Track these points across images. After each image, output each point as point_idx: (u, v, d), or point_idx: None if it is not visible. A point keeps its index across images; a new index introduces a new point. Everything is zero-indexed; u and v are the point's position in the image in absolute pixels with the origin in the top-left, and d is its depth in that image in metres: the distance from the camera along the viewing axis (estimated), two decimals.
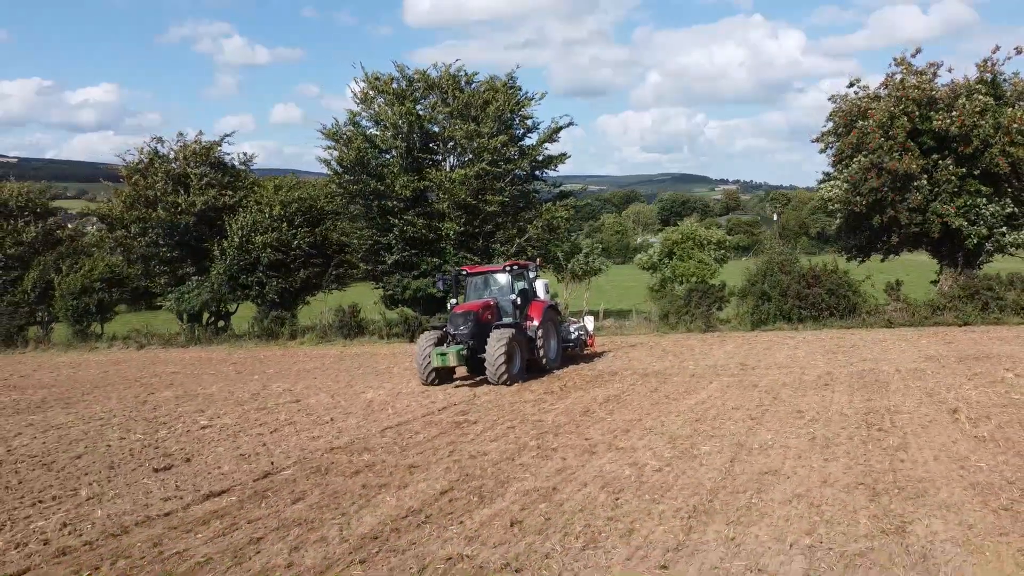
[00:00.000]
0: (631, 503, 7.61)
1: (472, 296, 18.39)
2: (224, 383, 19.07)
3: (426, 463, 9.62)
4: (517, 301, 17.43)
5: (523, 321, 17.41)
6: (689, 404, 12.77)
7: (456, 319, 16.76)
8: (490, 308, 17.33)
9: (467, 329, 16.42)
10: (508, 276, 18.10)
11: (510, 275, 18.09)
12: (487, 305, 17.32)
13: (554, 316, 18.73)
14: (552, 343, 18.13)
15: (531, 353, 17.14)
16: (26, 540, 7.46)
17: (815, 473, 8.37)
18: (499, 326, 16.62)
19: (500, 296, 17.90)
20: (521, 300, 17.54)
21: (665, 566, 6.02)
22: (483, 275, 18.75)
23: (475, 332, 16.42)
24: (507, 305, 17.60)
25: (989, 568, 5.72)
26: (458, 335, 16.48)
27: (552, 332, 18.26)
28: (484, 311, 17.06)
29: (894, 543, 6.27)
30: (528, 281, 18.66)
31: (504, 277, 18.18)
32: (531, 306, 17.86)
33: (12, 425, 14.19)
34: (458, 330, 16.52)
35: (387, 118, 29.50)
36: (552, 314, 18.49)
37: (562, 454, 9.72)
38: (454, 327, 16.65)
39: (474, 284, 18.63)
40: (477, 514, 7.53)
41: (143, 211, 32.68)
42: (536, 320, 17.49)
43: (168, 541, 7.21)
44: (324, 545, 6.88)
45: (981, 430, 9.96)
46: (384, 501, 8.11)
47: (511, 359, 15.89)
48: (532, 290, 18.56)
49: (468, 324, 16.48)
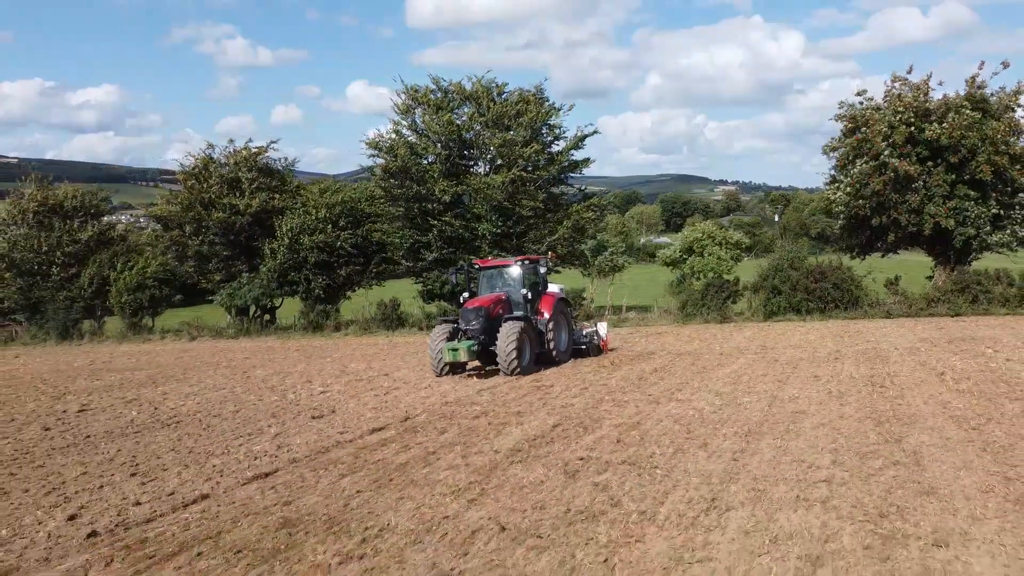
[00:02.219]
0: (699, 430, 10.30)
1: (484, 289, 18.86)
2: (304, 364, 21.68)
3: (529, 411, 12.31)
4: (528, 295, 17.93)
5: (534, 315, 17.92)
6: (724, 373, 15.46)
7: (468, 314, 17.18)
8: (501, 302, 17.84)
9: (478, 324, 16.92)
10: (519, 270, 18.54)
11: (521, 269, 18.55)
12: (498, 300, 17.84)
13: (564, 309, 19.21)
14: (562, 335, 18.67)
15: (541, 346, 17.66)
16: (254, 456, 10.11)
17: (833, 412, 11.06)
18: (509, 319, 17.03)
19: (511, 289, 18.36)
20: (531, 294, 18.05)
21: (735, 459, 8.70)
22: (495, 269, 19.16)
23: (486, 327, 16.97)
24: (518, 298, 18.06)
25: (957, 458, 8.39)
26: (469, 330, 16.96)
27: (562, 325, 18.73)
28: (495, 306, 17.58)
29: (894, 447, 8.95)
30: (539, 275, 19.06)
31: (515, 271, 18.60)
32: (541, 299, 18.42)
33: (149, 394, 16.81)
34: (469, 325, 16.99)
35: (429, 127, 32.18)
36: (562, 307, 18.95)
37: (634, 404, 12.41)
38: (465, 322, 17.10)
39: (486, 277, 19.10)
40: (586, 437, 10.21)
41: (199, 212, 35.31)
42: (547, 313, 18.02)
43: (364, 455, 9.87)
44: (483, 455, 9.55)
45: (961, 386, 12.67)
46: (511, 432, 10.78)
47: (522, 351, 16.46)
48: (543, 283, 19.07)
49: (479, 319, 16.95)
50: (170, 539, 7.02)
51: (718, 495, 7.45)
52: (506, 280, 18.70)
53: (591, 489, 7.85)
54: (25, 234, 40.05)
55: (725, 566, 5.79)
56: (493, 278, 18.97)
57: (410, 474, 8.79)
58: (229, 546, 6.77)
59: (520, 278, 18.41)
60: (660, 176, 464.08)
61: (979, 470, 7.90)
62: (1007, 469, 7.87)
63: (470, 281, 19.62)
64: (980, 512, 6.67)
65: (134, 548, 6.83)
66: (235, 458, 10.04)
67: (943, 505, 6.89)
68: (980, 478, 7.63)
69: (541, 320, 17.91)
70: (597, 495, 7.64)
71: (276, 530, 7.12)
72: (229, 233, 35.70)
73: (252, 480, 8.92)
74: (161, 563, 6.45)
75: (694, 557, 5.98)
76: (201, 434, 11.85)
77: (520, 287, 18.17)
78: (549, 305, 18.21)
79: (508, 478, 8.43)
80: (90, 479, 9.34)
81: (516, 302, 18.08)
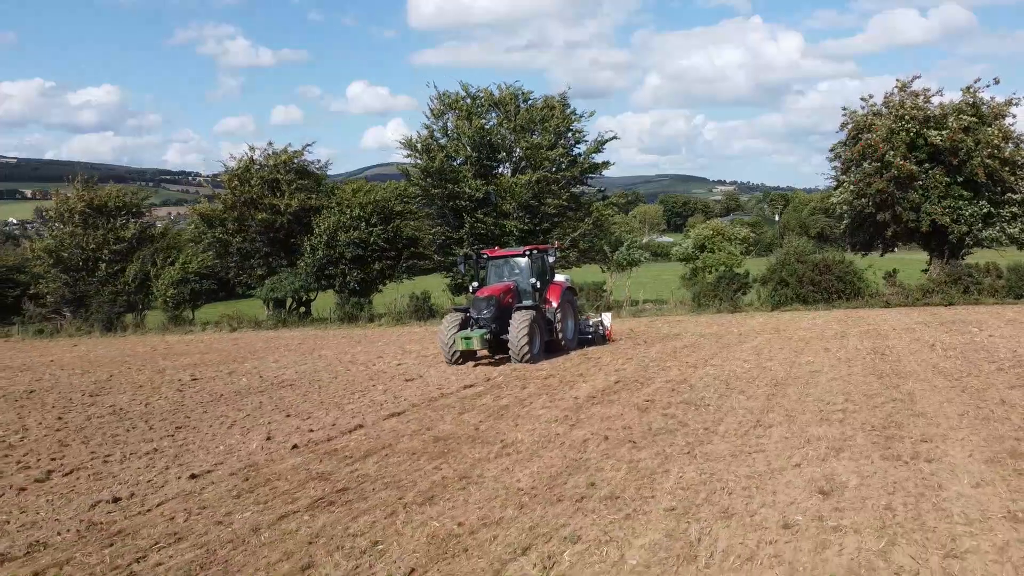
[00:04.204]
0: (736, 383, 12.75)
1: (492, 279, 19.01)
2: (362, 346, 24.05)
3: (589, 374, 14.76)
4: (536, 284, 18.19)
5: (542, 303, 18.21)
6: (746, 347, 17.90)
7: (479, 303, 17.38)
8: (511, 292, 18.09)
9: (490, 313, 17.12)
10: (527, 260, 18.68)
11: (530, 258, 18.69)
12: (508, 289, 18.07)
13: (571, 298, 19.50)
14: (570, 323, 19.09)
15: (550, 334, 18.01)
16: (378, 404, 12.52)
17: (843, 371, 13.52)
18: (520, 308, 17.30)
19: (520, 279, 18.59)
20: (540, 283, 18.33)
21: (768, 399, 11.15)
22: (504, 259, 19.33)
23: (497, 316, 17.19)
24: (526, 288, 18.33)
25: (942, 397, 10.83)
26: (481, 319, 17.18)
27: (569, 313, 19.12)
28: (505, 295, 17.81)
29: (893, 391, 11.40)
30: (547, 264, 19.25)
31: (524, 261, 18.78)
32: (549, 288, 18.70)
33: (243, 368, 19.19)
34: (481, 314, 17.19)
35: (461, 131, 34.63)
36: (569, 295, 19.26)
37: (676, 369, 14.86)
38: (477, 311, 17.31)
39: (494, 267, 19.27)
40: (644, 389, 12.65)
41: (242, 212, 37.70)
42: (555, 302, 18.33)
43: (468, 402, 12.30)
44: (566, 400, 11.99)
45: (949, 354, 15.13)
46: (581, 387, 13.23)
47: (532, 340, 16.74)
48: (551, 273, 19.33)
49: (491, 308, 17.17)
50: (356, 449, 9.47)
51: (760, 419, 9.91)
52: (514, 269, 18.97)
53: (662, 417, 10.30)
54: (71, 232, 42.42)
55: (774, 454, 8.23)
56: (501, 268, 19.20)
57: (514, 412, 11.24)
58: (404, 451, 9.21)
59: (528, 268, 18.59)
60: (659, 176, 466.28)
61: (957, 403, 10.35)
62: (979, 403, 10.31)
63: (478, 271, 19.66)
64: (955, 425, 9.12)
65: (332, 454, 9.27)
66: (364, 404, 12.49)
67: (928, 421, 9.34)
68: (957, 407, 10.08)
69: (549, 309, 18.25)
70: (668, 420, 10.09)
71: (433, 443, 9.57)
72: (270, 231, 38.06)
73: (390, 417, 11.37)
74: (360, 460, 8.89)
75: (751, 449, 8.43)
76: (319, 392, 14.28)
77: (529, 276, 18.41)
78: (557, 294, 18.53)
79: (593, 413, 10.88)
80: (254, 420, 11.77)
81: (525, 291, 18.39)
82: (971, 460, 7.62)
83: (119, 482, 8.44)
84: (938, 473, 7.24)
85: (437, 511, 6.89)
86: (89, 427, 11.79)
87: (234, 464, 8.97)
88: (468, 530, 6.34)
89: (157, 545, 6.40)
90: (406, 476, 8.12)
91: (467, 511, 6.83)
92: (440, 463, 8.59)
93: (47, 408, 13.92)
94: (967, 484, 6.86)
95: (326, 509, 7.13)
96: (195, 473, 8.53)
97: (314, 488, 7.82)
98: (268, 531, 6.61)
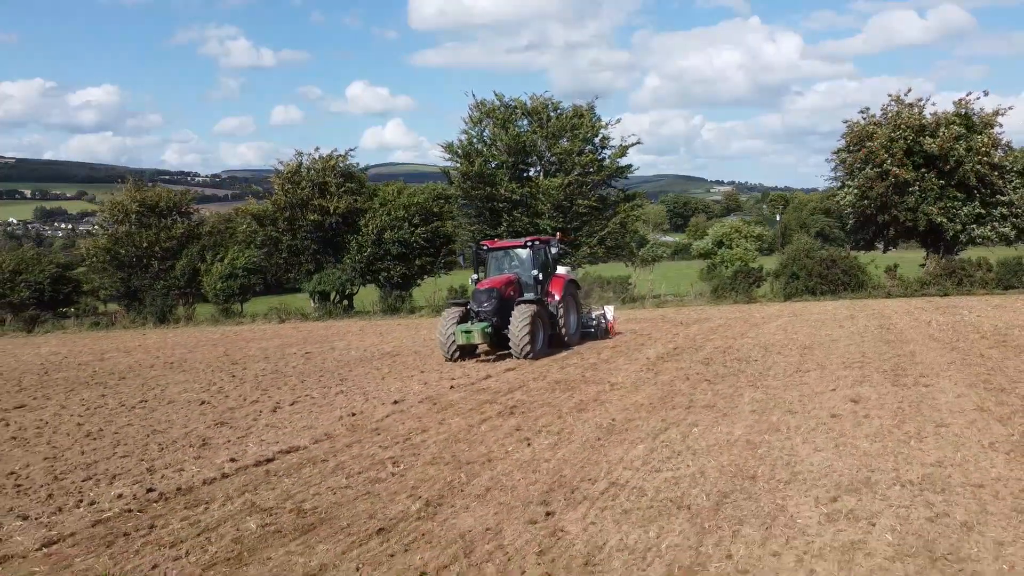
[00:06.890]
0: (773, 347, 15.99)
1: (493, 271, 18.50)
2: (423, 332, 27.13)
3: (648, 343, 17.99)
4: (539, 276, 17.66)
5: (544, 296, 17.66)
6: (771, 327, 21.13)
7: (479, 296, 16.88)
8: (512, 284, 17.52)
9: (491, 306, 16.62)
10: (529, 251, 18.09)
11: (531, 250, 18.10)
12: (509, 281, 17.50)
13: (574, 291, 19.09)
14: (572, 317, 18.62)
15: (553, 328, 17.50)
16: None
17: (857, 340, 16.77)
18: (522, 302, 16.76)
19: (521, 271, 18.09)
20: (542, 275, 17.77)
21: (801, 356, 14.40)
22: (504, 250, 18.80)
23: (498, 308, 16.65)
24: (528, 280, 17.81)
25: (935, 353, 14.06)
26: (482, 312, 16.68)
27: (572, 307, 18.70)
28: (507, 287, 17.27)
29: (898, 349, 14.66)
30: (549, 256, 18.67)
31: (525, 252, 18.20)
32: (552, 281, 18.10)
33: (335, 345, 22.35)
34: (481, 307, 16.71)
35: (499, 137, 37.83)
36: (572, 288, 18.75)
37: (720, 340, 18.08)
38: (477, 304, 16.80)
39: (495, 259, 18.73)
40: (699, 353, 15.86)
41: (294, 212, 40.87)
42: (557, 295, 17.80)
43: (559, 361, 15.48)
44: (639, 360, 15.20)
45: (942, 328, 18.39)
46: (647, 352, 16.44)
47: (535, 334, 16.24)
48: (553, 265, 18.71)
49: (492, 301, 16.65)
50: (499, 388, 12.67)
51: (799, 367, 13.16)
52: (515, 261, 18.47)
53: (723, 367, 13.55)
54: (127, 231, 45.57)
55: (815, 385, 11.46)
56: (501, 260, 18.69)
57: (602, 367, 14.46)
58: (536, 389, 12.43)
59: (530, 259, 17.99)
60: (657, 176, 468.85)
61: (947, 357, 13.61)
62: (964, 357, 13.56)
63: (477, 263, 19.04)
64: (945, 369, 12.38)
65: (483, 391, 12.47)
66: (474, 365, 15.66)
67: (926, 367, 12.60)
68: (947, 359, 13.34)
69: (552, 302, 17.70)
70: (728, 368, 13.34)
71: (555, 384, 12.78)
72: (319, 230, 41.24)
73: (506, 371, 14.55)
74: (507, 394, 12.08)
75: (796, 384, 11.66)
76: (426, 360, 17.48)
77: (531, 268, 17.86)
78: (559, 287, 17.97)
79: (666, 366, 14.11)
80: (399, 374, 14.94)
81: (526, 284, 17.85)
82: (955, 385, 10.86)
83: (339, 407, 11.62)
84: (932, 391, 10.49)
85: (589, 416, 10.10)
86: (266, 380, 14.98)
87: (414, 398, 12.16)
88: (620, 422, 9.56)
89: (412, 432, 9.61)
90: (552, 400, 11.33)
91: (612, 414, 10.05)
92: (571, 394, 11.80)
93: (215, 371, 17.08)
94: (951, 396, 10.11)
95: (509, 417, 10.33)
96: (396, 399, 11.74)
97: (489, 408, 11.02)
98: (480, 427, 9.80)
